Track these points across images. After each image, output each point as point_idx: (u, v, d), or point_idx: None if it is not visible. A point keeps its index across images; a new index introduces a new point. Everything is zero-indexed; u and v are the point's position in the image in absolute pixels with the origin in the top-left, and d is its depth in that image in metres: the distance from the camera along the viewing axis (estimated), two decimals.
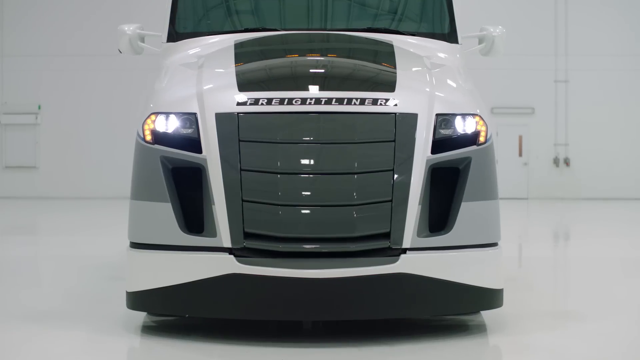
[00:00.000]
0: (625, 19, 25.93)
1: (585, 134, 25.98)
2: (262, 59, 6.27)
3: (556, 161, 26.10)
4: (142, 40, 7.12)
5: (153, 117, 5.60)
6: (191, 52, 6.52)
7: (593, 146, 25.96)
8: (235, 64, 5.85)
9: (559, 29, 26.36)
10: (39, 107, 26.24)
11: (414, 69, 6.03)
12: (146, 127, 5.60)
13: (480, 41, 7.18)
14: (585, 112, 25.99)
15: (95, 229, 14.73)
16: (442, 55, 6.60)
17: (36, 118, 26.26)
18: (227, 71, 5.80)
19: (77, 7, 26.06)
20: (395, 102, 5.48)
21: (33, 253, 10.79)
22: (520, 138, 26.04)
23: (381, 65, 6.10)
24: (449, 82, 6.05)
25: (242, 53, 6.17)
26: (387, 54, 6.23)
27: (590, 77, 26.09)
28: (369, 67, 6.11)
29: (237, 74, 5.70)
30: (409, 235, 5.33)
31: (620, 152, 25.87)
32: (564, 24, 26.34)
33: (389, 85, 5.60)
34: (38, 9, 26.12)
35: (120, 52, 7.22)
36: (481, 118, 5.69)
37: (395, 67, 5.86)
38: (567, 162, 26.11)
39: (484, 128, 5.67)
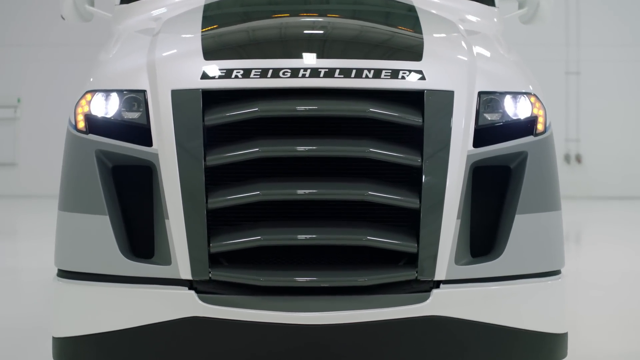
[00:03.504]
0: None
1: (598, 129, 24.56)
2: (239, 22, 4.69)
3: (567, 158, 24.64)
4: (92, 3, 5.57)
5: (88, 96, 4.06)
6: (150, 14, 4.97)
7: (606, 142, 24.54)
8: (203, 28, 4.30)
9: (570, 17, 24.94)
10: (19, 100, 24.74)
11: (445, 35, 4.49)
12: (79, 110, 4.07)
13: (521, 5, 5.63)
14: (598, 106, 24.56)
15: None
16: (475, 19, 5.06)
17: (15, 112, 24.77)
18: (191, 36, 4.26)
19: None
20: (423, 75, 3.93)
21: None
22: None
23: (401, 28, 4.54)
24: (489, 52, 4.52)
25: (213, 16, 4.62)
26: (407, 17, 4.69)
27: (604, 68, 24.66)
28: (385, 30, 4.53)
29: (204, 38, 4.15)
30: (444, 261, 3.82)
31: (635, 148, 24.48)
32: (575, 11, 24.93)
33: (414, 53, 4.05)
34: None
35: (63, 19, 5.68)
36: (537, 99, 4.15)
37: (420, 31, 4.31)
38: (578, 158, 24.70)
39: (541, 112, 4.13)
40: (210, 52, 4.00)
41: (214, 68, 3.90)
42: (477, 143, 3.93)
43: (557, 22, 24.79)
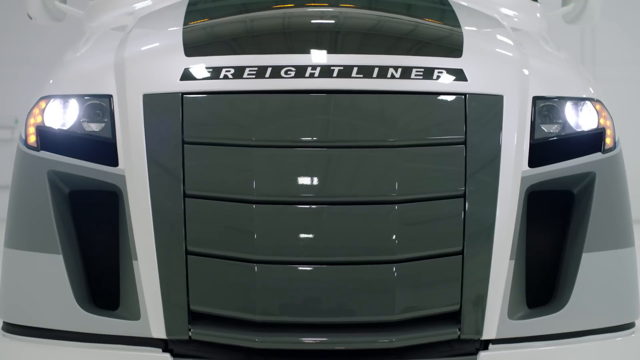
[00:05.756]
0: None
1: None
2: (231, 14, 3.84)
3: None
4: (63, 0, 4.75)
5: (42, 104, 3.25)
6: (130, 9, 4.15)
7: (625, 162, 23.75)
8: (186, 22, 3.48)
9: (585, 35, 24.18)
10: (16, 121, 24.03)
11: (487, 29, 3.67)
12: (31, 121, 3.27)
13: (566, 2, 4.82)
14: (615, 125, 23.79)
15: None
16: (515, 14, 4.24)
17: (12, 132, 24.06)
18: (170, 30, 3.46)
19: None
20: (463, 75, 3.10)
21: None
22: None
23: (433, 21, 3.71)
24: (538, 50, 3.72)
25: (199, 10, 3.80)
26: (439, 9, 3.87)
27: (620, 87, 23.83)
28: (413, 21, 3.69)
29: (186, 32, 3.33)
30: (494, 315, 2.99)
31: None
32: (591, 29, 24.18)
33: (452, 48, 3.22)
34: (10, 13, 23.89)
35: (30, 18, 4.85)
36: (603, 106, 3.35)
37: (457, 24, 3.48)
38: None
39: (609, 123, 3.35)
40: (194, 47, 3.18)
41: (197, 66, 3.08)
42: (532, 162, 3.10)
43: (572, 40, 23.99)
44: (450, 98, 3.05)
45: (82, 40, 3.93)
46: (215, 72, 3.05)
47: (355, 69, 3.04)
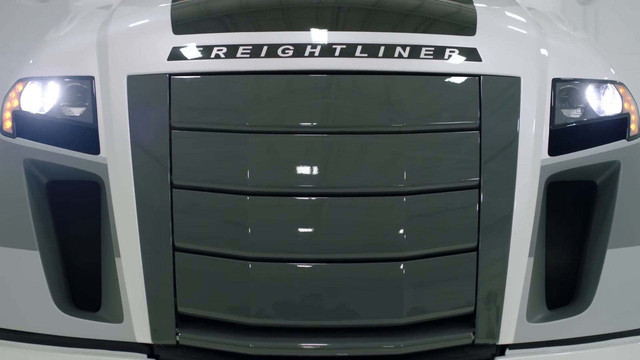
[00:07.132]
0: None
1: None
2: None
3: None
4: None
5: (19, 86, 3.05)
6: None
7: None
8: (174, 0, 3.28)
9: (588, 24, 24.08)
10: None
11: (501, 6, 3.46)
12: (7, 105, 3.08)
13: None
14: None
15: None
16: None
17: None
18: (158, 7, 3.27)
19: None
20: (477, 54, 2.89)
21: None
22: None
23: None
24: (555, 30, 3.54)
25: None
26: None
27: (624, 77, 23.82)
28: None
29: (174, 9, 3.14)
30: (512, 318, 2.79)
31: None
32: (593, 18, 24.08)
33: (464, 25, 3.02)
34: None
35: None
36: (627, 90, 3.15)
37: (469, 0, 3.30)
38: None
39: (633, 108, 3.12)
40: (183, 24, 2.98)
41: (186, 45, 2.89)
42: (553, 150, 2.89)
43: (575, 29, 23.94)
44: (463, 79, 2.84)
45: (66, 20, 3.72)
46: (206, 51, 2.84)
47: (359, 48, 2.83)
